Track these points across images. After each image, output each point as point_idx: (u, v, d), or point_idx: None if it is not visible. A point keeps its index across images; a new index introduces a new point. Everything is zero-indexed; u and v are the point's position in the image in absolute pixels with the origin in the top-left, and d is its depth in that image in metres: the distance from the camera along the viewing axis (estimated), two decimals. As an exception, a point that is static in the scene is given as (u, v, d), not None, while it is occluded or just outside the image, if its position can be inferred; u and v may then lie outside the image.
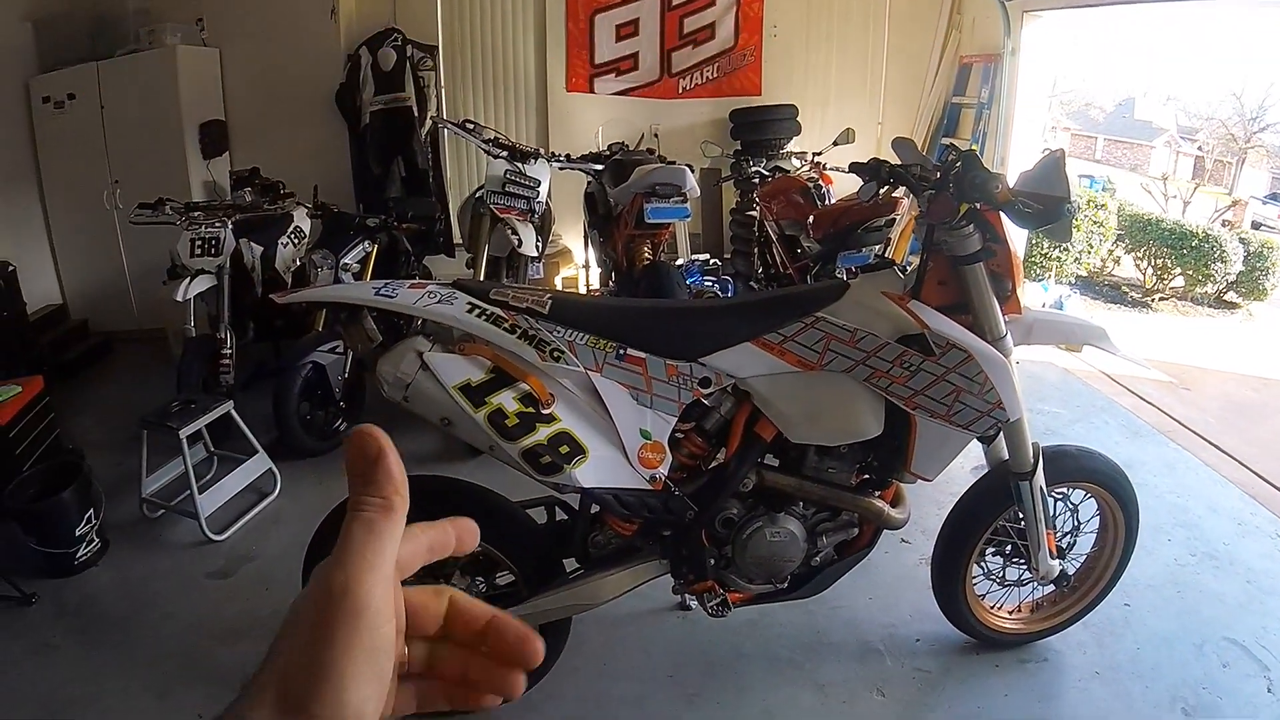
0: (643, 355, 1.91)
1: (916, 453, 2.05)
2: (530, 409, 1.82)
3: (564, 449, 1.83)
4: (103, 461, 3.62)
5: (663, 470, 1.93)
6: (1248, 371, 6.95)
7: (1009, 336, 2.07)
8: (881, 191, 2.36)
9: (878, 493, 2.18)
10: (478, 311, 1.86)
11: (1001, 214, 2.00)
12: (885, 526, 2.20)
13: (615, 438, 1.89)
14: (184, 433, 3.24)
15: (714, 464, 2.12)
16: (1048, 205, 1.89)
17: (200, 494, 3.26)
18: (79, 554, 3.07)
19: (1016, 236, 2.22)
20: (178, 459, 3.33)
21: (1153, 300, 9.14)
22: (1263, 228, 18.96)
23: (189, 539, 3.28)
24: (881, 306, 1.97)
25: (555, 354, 1.86)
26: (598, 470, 1.86)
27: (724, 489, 2.03)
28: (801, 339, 1.94)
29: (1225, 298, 9.41)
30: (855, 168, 2.47)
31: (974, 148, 6.06)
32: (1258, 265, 9.15)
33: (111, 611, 2.90)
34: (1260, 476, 4.31)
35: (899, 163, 2.38)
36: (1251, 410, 5.81)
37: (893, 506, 2.20)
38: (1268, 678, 2.65)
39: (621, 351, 1.90)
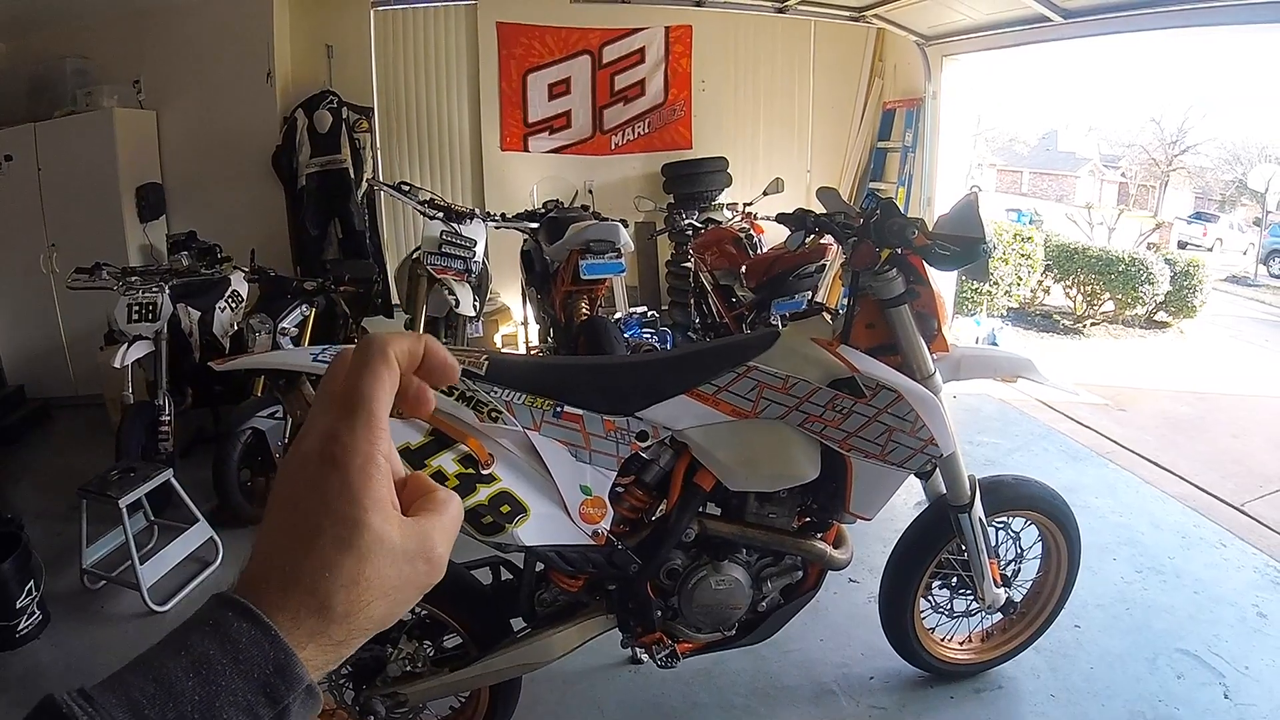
0: (580, 412, 1.92)
1: (854, 493, 2.08)
2: (470, 470, 1.80)
3: (505, 508, 1.82)
4: (42, 531, 3.54)
5: (605, 525, 1.94)
6: (1182, 388, 7.16)
7: (938, 374, 2.13)
8: (808, 239, 2.42)
9: (820, 535, 2.21)
10: None
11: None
12: (829, 567, 2.23)
13: (556, 495, 1.89)
14: (124, 502, 3.16)
15: (656, 516, 2.14)
16: (964, 246, 1.97)
17: (142, 564, 3.19)
18: (20, 627, 2.99)
19: (944, 276, 2.29)
20: (118, 528, 3.24)
21: (1084, 326, 9.38)
22: (1189, 246, 19.70)
23: (132, 610, 3.20)
24: (811, 353, 2.01)
25: (493, 414, 1.86)
26: (540, 528, 1.85)
27: (667, 540, 2.04)
28: (735, 388, 1.97)
29: (1156, 318, 9.69)
30: (782, 218, 2.54)
31: (900, 191, 6.30)
32: (1185, 284, 9.42)
33: (55, 686, 2.77)
34: (1201, 489, 4.45)
35: (824, 211, 2.46)
36: (1188, 425, 5.98)
37: (835, 547, 2.22)
38: (1223, 684, 2.72)
39: (559, 409, 1.91)
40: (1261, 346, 10.25)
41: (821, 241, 3.13)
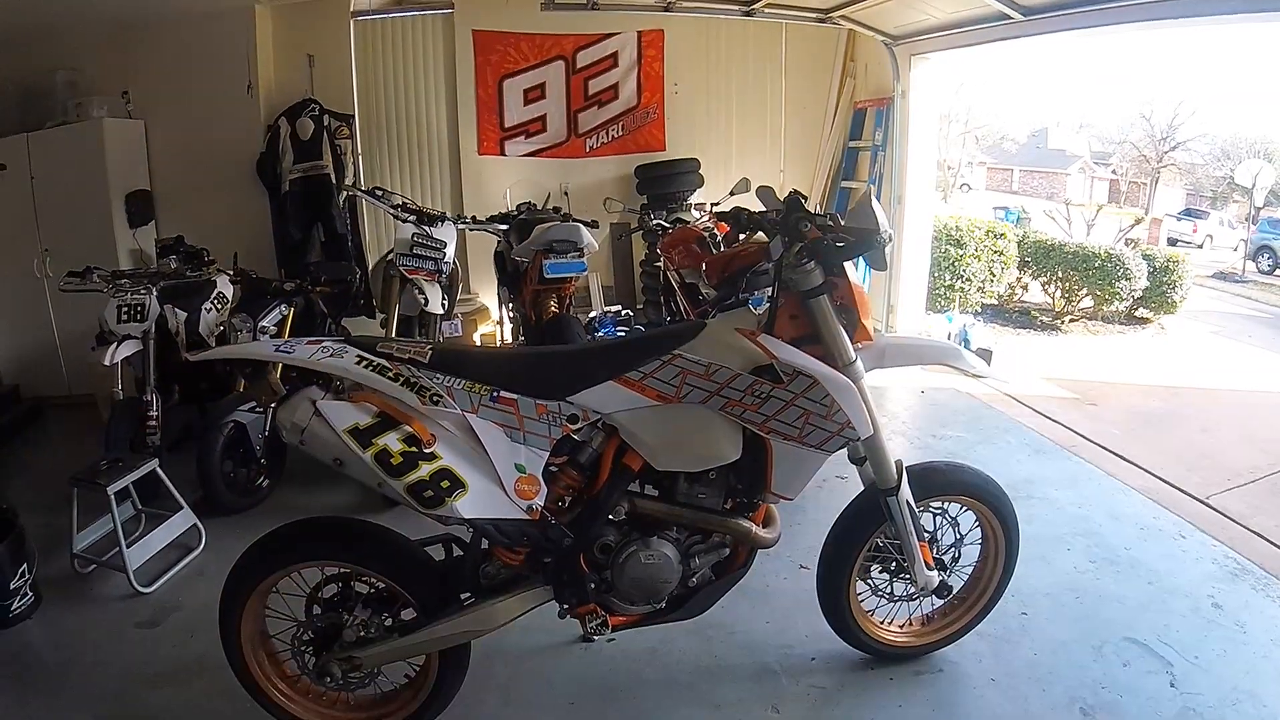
0: (514, 396, 2.08)
1: (775, 474, 2.22)
2: (413, 448, 1.98)
3: (445, 484, 1.98)
4: (34, 521, 3.62)
5: (539, 501, 2.09)
6: (1156, 383, 7.24)
7: (859, 362, 2.26)
8: (742, 236, 2.57)
9: (749, 515, 2.33)
10: (365, 363, 2.04)
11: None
12: (756, 546, 2.36)
13: (492, 472, 2.05)
14: (112, 489, 3.34)
15: (590, 495, 2.26)
16: (860, 237, 2.12)
17: (128, 549, 3.35)
18: (13, 607, 3.15)
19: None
20: (106, 517, 3.40)
21: (1062, 322, 9.45)
22: (1179, 243, 19.69)
23: (118, 592, 3.36)
24: (734, 341, 2.15)
25: (434, 398, 2.03)
26: (476, 502, 2.01)
27: (597, 516, 2.18)
28: (660, 375, 2.12)
29: (1136, 314, 9.77)
30: (721, 217, 2.69)
31: (871, 188, 6.41)
32: (1165, 280, 9.52)
33: (45, 661, 2.98)
34: (1165, 481, 4.48)
35: (761, 209, 2.61)
36: (1158, 420, 6.05)
37: (764, 527, 2.35)
38: (1170, 673, 2.75)
39: (495, 394, 2.07)
40: (1244, 342, 10.28)
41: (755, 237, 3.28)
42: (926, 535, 2.65)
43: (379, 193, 4.56)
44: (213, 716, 2.61)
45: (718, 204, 5.41)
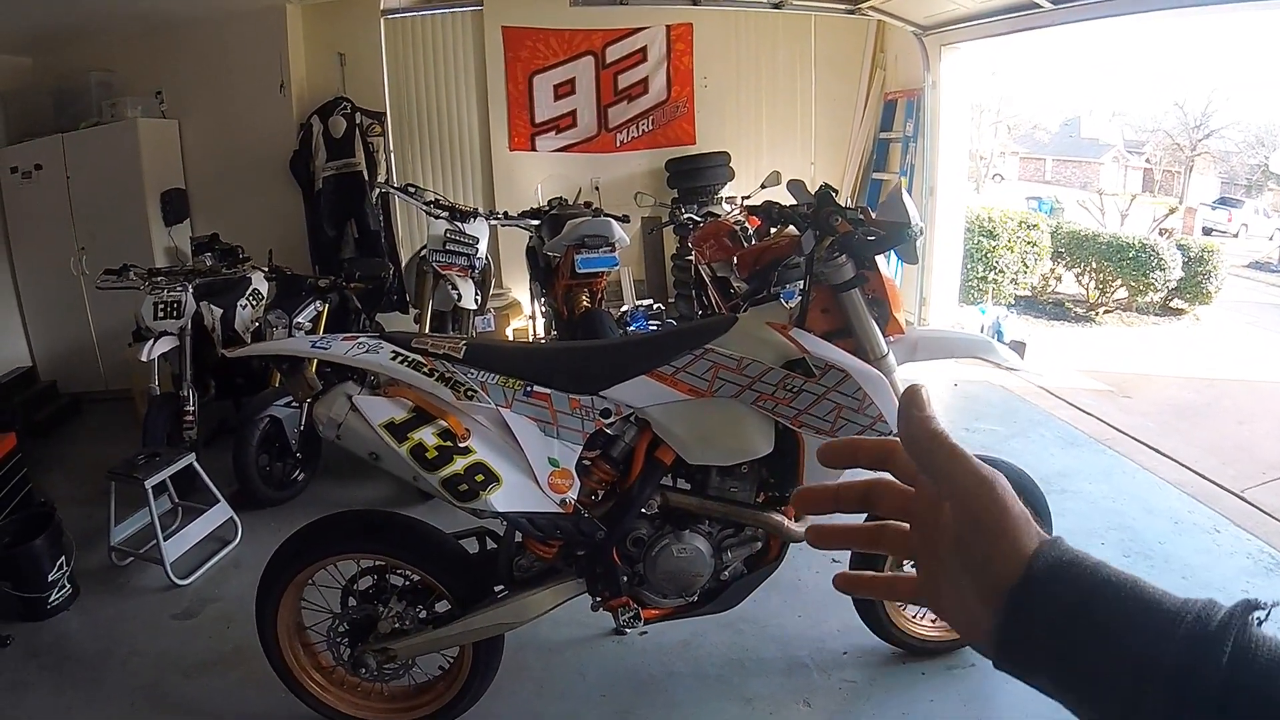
0: (547, 391, 2.10)
1: (807, 468, 2.22)
2: (448, 443, 2.00)
3: (479, 478, 2.00)
4: (73, 514, 3.73)
5: (572, 495, 2.10)
6: (1191, 375, 7.12)
7: (891, 355, 2.25)
8: (773, 230, 2.57)
9: (781, 508, 2.33)
10: (400, 358, 2.06)
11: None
12: (788, 539, 2.34)
13: (526, 466, 2.06)
14: (149, 483, 3.40)
15: (623, 488, 2.27)
16: (891, 230, 2.11)
17: (165, 542, 3.41)
18: (51, 598, 3.22)
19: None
20: (144, 510, 3.48)
21: (1097, 313, 9.35)
22: (1214, 233, 19.33)
23: (155, 584, 3.43)
24: (766, 336, 2.15)
25: (469, 393, 2.04)
26: (510, 496, 2.02)
27: (630, 510, 2.19)
28: (692, 369, 2.12)
29: (1171, 305, 9.63)
30: (751, 210, 2.68)
31: (903, 180, 6.36)
32: (1199, 270, 9.37)
33: (82, 651, 3.05)
34: (1199, 474, 4.38)
35: (792, 203, 2.60)
36: (1193, 412, 5.96)
37: (796, 520, 2.35)
38: None
39: (528, 389, 2.09)
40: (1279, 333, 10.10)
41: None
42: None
43: (412, 189, 4.59)
44: (248, 706, 2.66)
45: (748, 197, 5.38)
